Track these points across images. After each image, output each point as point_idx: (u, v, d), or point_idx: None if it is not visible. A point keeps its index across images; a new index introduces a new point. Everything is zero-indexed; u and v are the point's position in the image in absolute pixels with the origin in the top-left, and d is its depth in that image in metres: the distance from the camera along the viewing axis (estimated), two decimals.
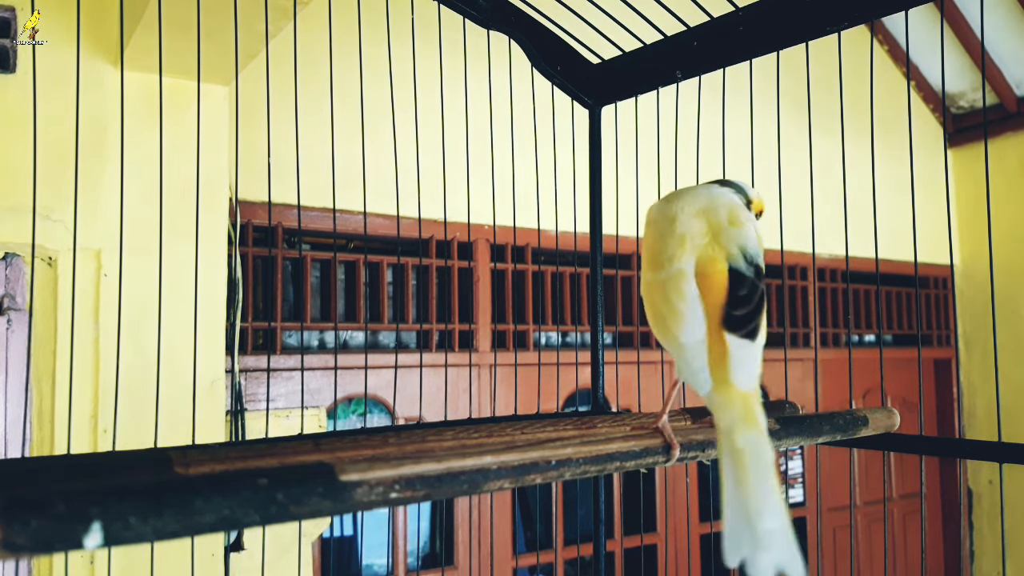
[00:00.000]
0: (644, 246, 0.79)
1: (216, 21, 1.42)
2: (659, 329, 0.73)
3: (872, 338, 3.56)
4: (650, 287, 0.75)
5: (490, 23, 1.20)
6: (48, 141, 1.58)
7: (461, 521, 2.39)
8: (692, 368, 0.70)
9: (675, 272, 0.74)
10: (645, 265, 0.77)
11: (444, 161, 1.34)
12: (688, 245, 0.75)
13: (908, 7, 0.87)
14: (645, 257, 0.78)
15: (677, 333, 0.71)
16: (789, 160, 1.23)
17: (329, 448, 0.65)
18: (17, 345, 1.70)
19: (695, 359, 0.70)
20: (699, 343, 0.71)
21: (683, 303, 0.72)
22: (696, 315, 0.71)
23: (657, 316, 0.73)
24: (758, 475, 0.64)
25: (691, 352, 0.70)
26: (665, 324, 0.72)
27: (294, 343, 2.20)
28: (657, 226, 0.78)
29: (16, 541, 0.41)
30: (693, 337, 0.71)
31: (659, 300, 0.73)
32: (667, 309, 0.72)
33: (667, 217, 0.78)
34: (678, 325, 0.71)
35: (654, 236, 0.77)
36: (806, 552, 3.28)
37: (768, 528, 0.62)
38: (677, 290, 0.73)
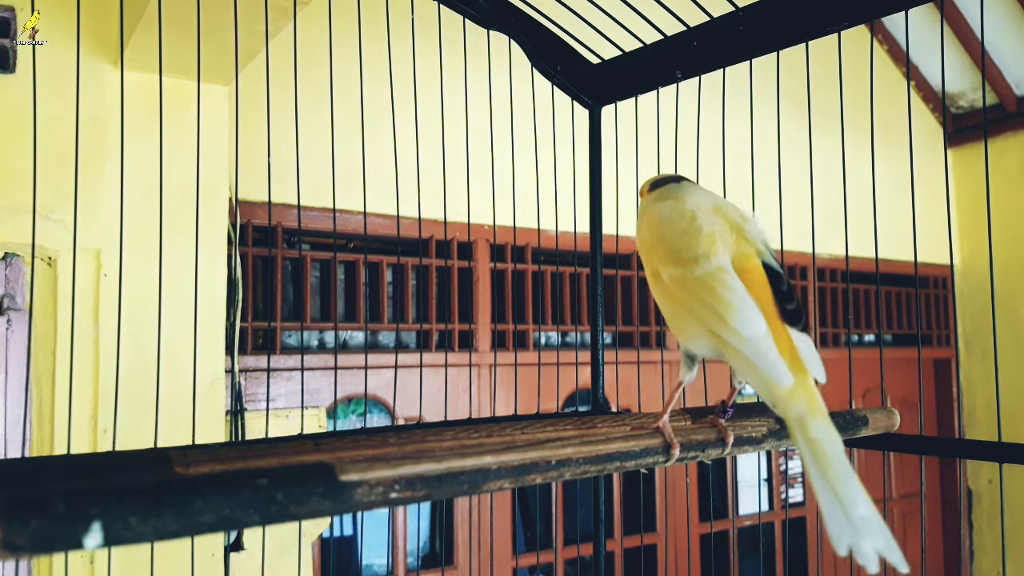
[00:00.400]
0: (657, 243, 0.77)
1: (216, 21, 1.42)
2: (709, 323, 0.71)
3: (872, 338, 3.56)
4: (682, 283, 0.73)
5: (490, 23, 1.20)
6: (48, 141, 1.58)
7: (461, 521, 2.39)
8: (768, 359, 0.68)
9: (715, 267, 0.72)
10: (663, 262, 0.75)
11: (444, 161, 1.34)
12: (720, 241, 0.74)
13: (908, 7, 0.87)
14: (660, 254, 0.76)
15: (736, 325, 0.69)
16: (789, 160, 1.23)
17: (329, 448, 0.65)
18: (17, 345, 1.70)
19: (769, 351, 0.69)
20: (765, 336, 0.69)
21: (735, 296, 0.70)
22: (752, 307, 0.70)
23: (702, 310, 0.71)
24: (839, 464, 0.64)
25: (759, 344, 0.69)
26: (718, 317, 0.70)
27: (294, 343, 2.20)
28: (672, 223, 0.76)
29: (16, 541, 0.41)
30: (755, 329, 0.69)
31: (704, 295, 0.71)
32: (717, 302, 0.70)
33: (682, 214, 0.76)
34: (735, 317, 0.69)
35: (673, 233, 0.75)
36: (806, 552, 3.28)
37: (862, 515, 0.62)
38: (723, 284, 0.71)
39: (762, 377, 0.69)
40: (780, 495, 3.24)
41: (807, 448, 0.66)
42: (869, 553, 0.60)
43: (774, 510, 3.21)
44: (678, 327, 0.75)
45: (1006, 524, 3.50)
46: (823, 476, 0.64)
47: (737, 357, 0.70)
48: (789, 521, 3.25)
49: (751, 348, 0.69)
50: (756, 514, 3.08)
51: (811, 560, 3.26)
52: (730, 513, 2.99)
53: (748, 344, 0.69)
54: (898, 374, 3.59)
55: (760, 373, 0.69)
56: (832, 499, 0.63)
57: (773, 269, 0.75)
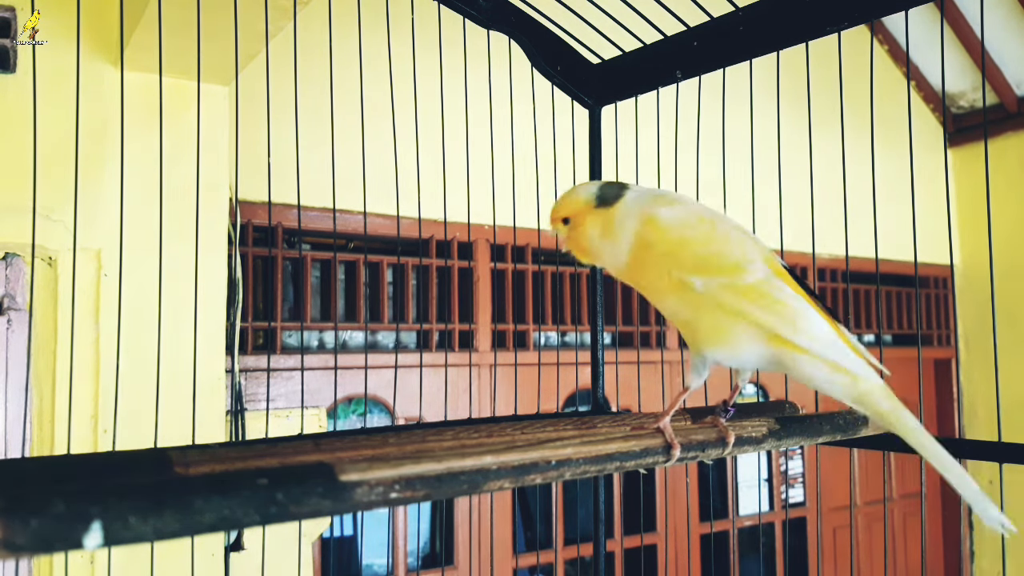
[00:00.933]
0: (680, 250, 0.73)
1: (216, 21, 1.42)
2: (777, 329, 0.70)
3: (872, 338, 3.56)
4: (734, 292, 0.71)
5: (490, 23, 1.20)
6: (48, 141, 1.58)
7: (461, 521, 2.39)
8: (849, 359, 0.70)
9: (763, 274, 0.72)
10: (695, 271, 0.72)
11: (444, 161, 1.34)
12: (751, 247, 0.74)
13: (908, 7, 0.87)
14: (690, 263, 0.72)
15: (813, 331, 0.70)
16: (789, 160, 1.23)
17: (329, 448, 0.65)
18: (17, 345, 1.70)
19: (849, 352, 0.71)
20: (836, 336, 0.71)
21: (796, 301, 0.71)
22: (813, 311, 0.71)
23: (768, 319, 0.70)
24: (940, 448, 0.69)
25: (836, 345, 0.71)
26: (788, 323, 0.70)
27: (294, 343, 2.20)
28: (694, 230, 0.74)
29: (16, 541, 0.41)
30: (826, 332, 0.71)
31: (763, 303, 0.70)
32: (783, 309, 0.70)
33: (700, 219, 0.75)
34: (808, 323, 0.70)
35: (700, 240, 0.73)
36: (806, 552, 3.28)
37: (977, 489, 0.67)
38: (780, 290, 0.71)
39: (844, 377, 0.71)
40: (780, 495, 3.24)
41: (915, 437, 0.69)
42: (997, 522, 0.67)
43: (774, 510, 3.21)
44: (714, 336, 0.72)
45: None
46: (940, 461, 0.68)
47: (808, 361, 0.71)
48: (789, 521, 3.25)
49: (832, 350, 0.70)
50: (756, 514, 3.08)
51: (811, 560, 3.26)
52: (730, 513, 2.99)
53: (828, 347, 0.70)
54: (898, 374, 3.57)
55: (843, 374, 0.70)
56: (959, 478, 0.68)
57: (790, 270, 0.76)
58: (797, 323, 0.70)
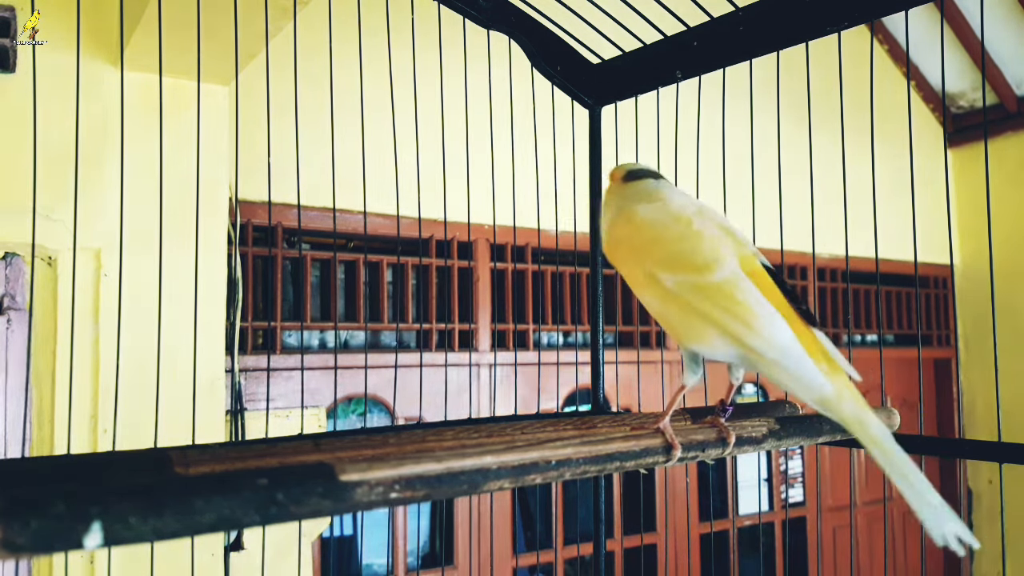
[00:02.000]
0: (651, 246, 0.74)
1: (216, 21, 1.42)
2: (735, 332, 0.69)
3: (872, 338, 3.56)
4: (698, 290, 0.70)
5: (490, 23, 1.20)
6: (48, 141, 1.58)
7: (461, 521, 2.39)
8: (805, 366, 0.67)
9: (730, 273, 0.70)
10: (664, 267, 0.72)
11: (444, 161, 1.34)
12: (723, 246, 0.72)
13: (908, 7, 0.87)
14: (659, 258, 0.73)
15: (767, 334, 0.68)
16: (789, 160, 1.23)
17: (329, 448, 0.65)
18: (17, 345, 1.70)
19: (803, 357, 0.68)
20: (793, 341, 0.68)
21: (757, 303, 0.69)
22: (775, 313, 0.69)
23: (727, 319, 0.69)
24: (905, 457, 0.66)
25: (792, 351, 0.68)
26: (746, 326, 0.68)
27: (294, 343, 2.20)
28: (667, 226, 0.74)
29: (16, 541, 0.41)
30: (784, 335, 0.68)
31: (725, 303, 0.69)
32: (742, 310, 0.69)
33: (676, 217, 0.75)
34: (764, 325, 0.68)
35: (672, 237, 0.73)
36: (806, 552, 3.28)
37: (936, 503, 0.65)
38: (742, 291, 0.70)
39: (801, 383, 0.68)
40: (780, 495, 3.24)
41: (874, 447, 0.66)
42: (952, 537, 0.64)
43: (774, 510, 3.21)
44: (688, 332, 0.72)
45: (1006, 524, 3.50)
46: (899, 471, 0.65)
47: (769, 365, 0.69)
48: (789, 521, 3.25)
49: (785, 355, 0.68)
50: (756, 514, 3.08)
51: (811, 560, 3.26)
52: (730, 513, 2.99)
53: (781, 352, 0.68)
54: (898, 374, 3.59)
55: (798, 380, 0.68)
56: (913, 492, 0.65)
57: (771, 270, 0.74)
58: (754, 325, 0.68)
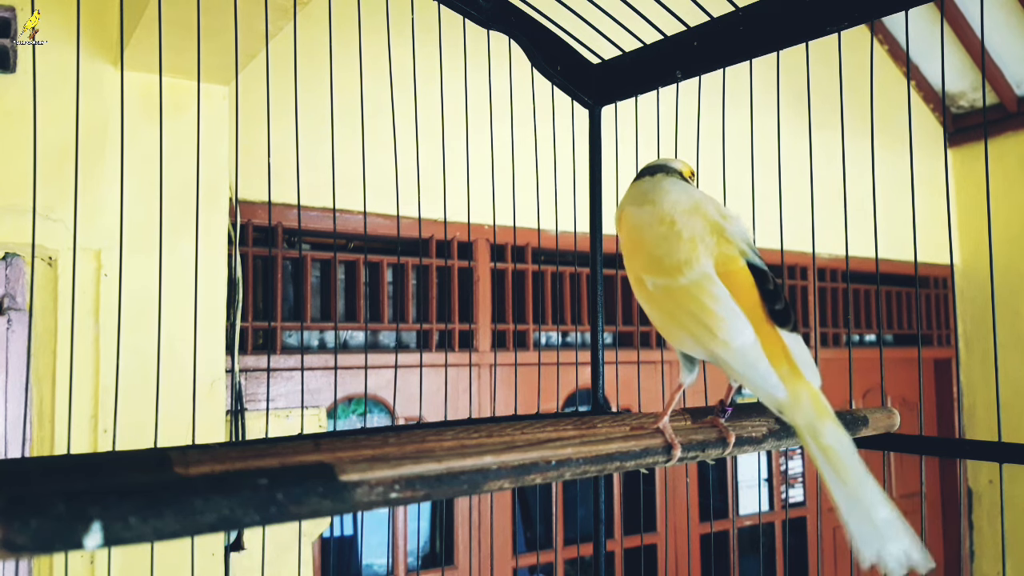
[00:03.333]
0: (637, 250, 0.75)
1: (216, 21, 1.42)
2: (697, 335, 0.69)
3: (872, 338, 3.56)
4: (668, 293, 0.71)
5: (490, 23, 1.20)
6: (48, 141, 1.58)
7: (461, 521, 2.39)
8: (758, 371, 0.67)
9: (698, 275, 0.71)
10: (646, 270, 0.73)
11: (444, 161, 1.34)
12: (700, 246, 0.72)
13: (908, 7, 0.87)
14: (642, 262, 0.74)
15: (725, 337, 0.68)
16: (789, 160, 1.23)
17: (329, 448, 0.65)
18: (17, 345, 1.70)
19: (758, 361, 0.67)
20: (752, 344, 0.68)
21: (718, 305, 0.69)
22: (738, 315, 0.69)
23: (690, 322, 0.70)
24: (856, 469, 0.63)
25: (748, 355, 0.68)
26: (706, 329, 0.68)
27: (294, 343, 2.20)
28: (651, 229, 0.75)
29: (16, 541, 0.41)
30: (743, 338, 0.68)
31: (689, 305, 0.70)
32: (703, 313, 0.69)
33: (661, 218, 0.75)
34: (723, 328, 0.68)
35: (653, 239, 0.74)
36: (806, 552, 3.28)
37: (884, 517, 0.61)
38: (707, 293, 0.70)
39: (757, 387, 0.68)
40: (780, 495, 3.24)
41: (821, 455, 0.64)
42: (896, 556, 0.60)
43: (774, 510, 3.21)
44: (667, 334, 0.74)
45: (1006, 524, 3.50)
46: (841, 482, 0.63)
47: (730, 367, 0.69)
48: (789, 521, 3.25)
49: (740, 359, 0.68)
50: (756, 514, 3.08)
51: (811, 560, 3.26)
52: (730, 513, 2.99)
53: (737, 355, 0.68)
54: (898, 374, 3.59)
55: (753, 384, 0.68)
56: (852, 505, 0.62)
57: (758, 268, 0.73)
58: (713, 328, 0.68)
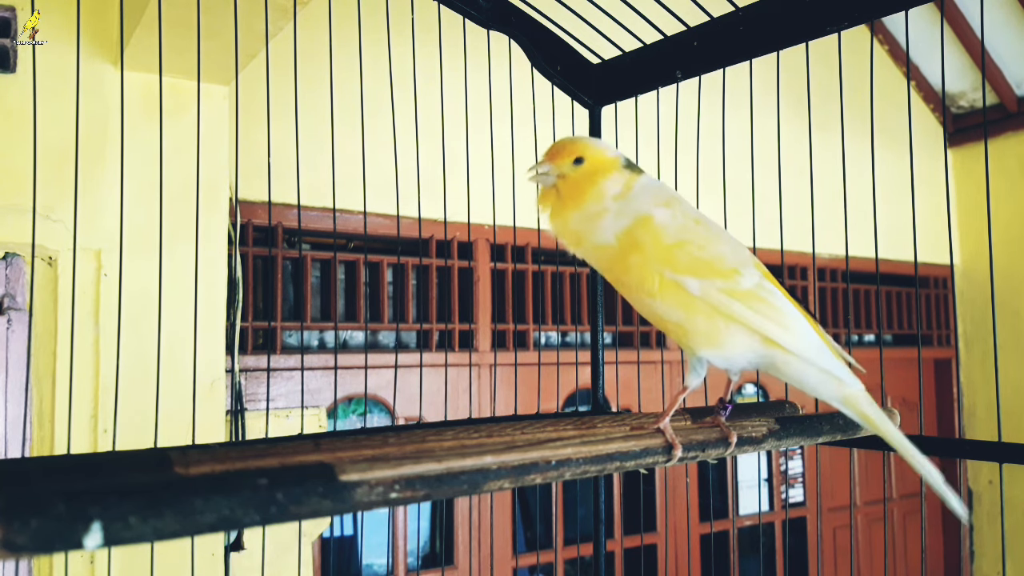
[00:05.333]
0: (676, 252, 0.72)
1: (216, 21, 1.42)
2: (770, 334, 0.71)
3: (872, 338, 3.56)
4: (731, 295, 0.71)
5: (490, 23, 1.20)
6: (48, 141, 1.58)
7: (461, 521, 2.39)
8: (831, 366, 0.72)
9: (757, 278, 0.73)
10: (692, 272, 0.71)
11: (444, 161, 1.34)
12: (744, 251, 0.75)
13: (908, 7, 0.87)
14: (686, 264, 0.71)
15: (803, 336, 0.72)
16: (789, 160, 1.23)
17: (329, 448, 0.64)
18: (17, 345, 1.70)
19: (831, 356, 0.73)
20: (822, 344, 0.73)
21: (787, 307, 0.73)
22: (803, 318, 0.73)
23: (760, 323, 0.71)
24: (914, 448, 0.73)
25: (824, 352, 0.73)
26: (781, 328, 0.72)
27: (294, 343, 2.20)
28: (689, 231, 0.73)
29: (16, 541, 0.41)
30: (813, 338, 0.73)
31: (759, 307, 0.71)
32: (776, 315, 0.72)
33: (696, 220, 0.75)
34: (797, 328, 0.72)
35: (699, 241, 0.73)
36: (806, 552, 3.28)
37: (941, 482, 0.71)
38: (774, 295, 0.73)
39: (828, 381, 0.73)
40: (780, 495, 3.24)
41: (896, 440, 0.73)
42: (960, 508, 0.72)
43: (774, 510, 3.21)
44: (708, 337, 0.72)
45: (1006, 524, 3.50)
46: (918, 462, 0.72)
47: (798, 364, 0.73)
48: (789, 521, 3.25)
49: (819, 356, 0.72)
50: (756, 514, 3.08)
51: (811, 560, 3.26)
52: (730, 513, 2.99)
53: (816, 352, 0.72)
54: (898, 374, 3.59)
55: (827, 378, 0.73)
56: (935, 476, 0.71)
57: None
58: (792, 328, 0.72)
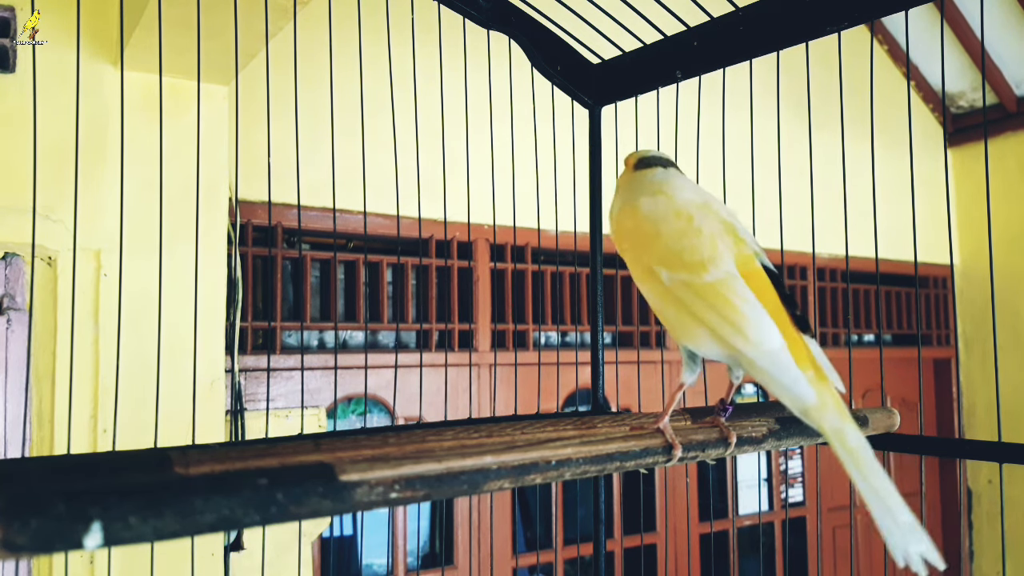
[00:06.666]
0: (652, 241, 0.73)
1: (216, 21, 1.42)
2: (724, 335, 0.68)
3: (872, 338, 3.56)
4: (690, 289, 0.70)
5: (490, 23, 1.20)
6: (48, 141, 1.58)
7: (461, 521, 2.39)
8: (789, 375, 0.67)
9: (723, 274, 0.69)
10: (663, 263, 0.71)
11: (444, 161, 1.34)
12: (721, 244, 0.71)
13: (908, 7, 0.87)
14: (658, 254, 0.72)
15: (757, 339, 0.67)
16: (789, 160, 1.23)
17: (329, 448, 0.65)
18: (17, 345, 1.70)
19: (788, 365, 0.67)
20: (782, 347, 0.67)
21: (747, 306, 0.68)
22: (766, 318, 0.68)
23: (716, 321, 0.68)
24: (880, 473, 0.64)
25: (779, 359, 0.67)
26: (735, 329, 0.67)
27: (294, 343, 2.20)
28: (668, 221, 0.73)
29: (16, 541, 0.41)
30: (773, 341, 0.67)
31: (717, 304, 0.68)
32: (732, 313, 0.68)
33: (678, 212, 0.73)
34: (753, 330, 0.67)
35: (672, 232, 0.72)
36: (806, 552, 3.28)
37: (906, 521, 0.62)
38: (734, 293, 0.68)
39: (785, 390, 0.68)
40: (780, 495, 3.24)
41: (849, 459, 0.65)
42: (916, 558, 0.61)
43: (774, 510, 3.21)
44: (682, 330, 0.72)
45: (1006, 524, 3.50)
46: (869, 486, 0.64)
47: (755, 369, 0.68)
48: (789, 521, 3.25)
49: (771, 362, 0.67)
50: (756, 514, 3.08)
51: (811, 560, 3.26)
52: (730, 513, 2.99)
53: (768, 358, 0.67)
54: (898, 374, 3.59)
55: (782, 387, 0.68)
56: (881, 508, 0.63)
57: (770, 271, 0.73)
58: (742, 328, 0.67)
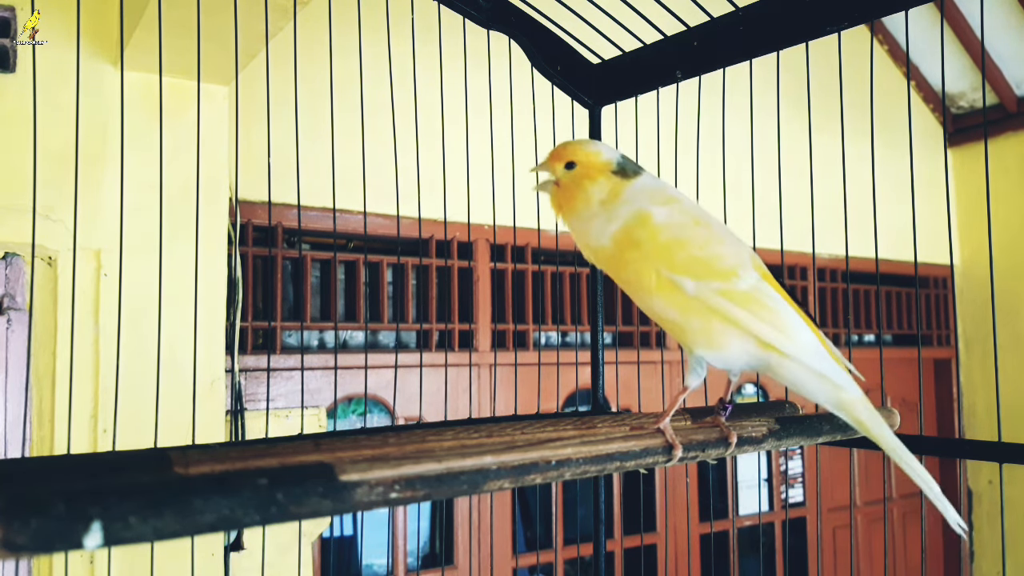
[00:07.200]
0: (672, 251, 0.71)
1: (216, 21, 1.42)
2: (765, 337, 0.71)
3: (872, 338, 3.56)
4: (726, 296, 0.70)
5: (490, 23, 1.20)
6: (48, 141, 1.58)
7: (461, 521, 2.39)
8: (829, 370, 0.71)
9: (755, 280, 0.72)
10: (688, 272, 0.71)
11: (444, 161, 1.34)
12: (744, 252, 0.74)
13: (908, 7, 0.87)
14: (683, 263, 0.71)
15: (800, 338, 0.71)
16: (789, 160, 1.23)
17: (329, 448, 0.64)
18: (17, 345, 1.70)
19: (829, 361, 0.72)
20: (819, 348, 0.72)
21: (784, 310, 0.72)
22: (801, 321, 0.72)
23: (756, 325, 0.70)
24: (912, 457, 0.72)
25: (821, 355, 0.72)
26: (778, 332, 0.71)
27: (294, 343, 2.20)
28: (688, 230, 0.73)
29: (16, 541, 0.41)
30: (811, 341, 0.72)
31: (755, 309, 0.71)
32: (773, 317, 0.71)
33: (695, 220, 0.74)
34: (794, 331, 0.71)
35: (697, 241, 0.72)
36: (806, 552, 3.28)
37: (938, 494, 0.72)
38: (769, 296, 0.72)
39: (825, 386, 0.72)
40: (780, 495, 3.24)
41: (891, 446, 0.72)
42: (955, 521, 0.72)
43: (774, 510, 3.21)
44: (707, 338, 0.72)
45: (1006, 524, 3.50)
46: (914, 470, 0.72)
47: (794, 368, 0.72)
48: (789, 521, 3.25)
49: (815, 359, 0.71)
50: (756, 514, 3.08)
51: (811, 560, 3.26)
52: (730, 513, 2.99)
53: (811, 354, 0.71)
54: (898, 374, 3.59)
55: (822, 382, 0.72)
56: (926, 484, 0.71)
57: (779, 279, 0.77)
58: (788, 331, 0.71)
